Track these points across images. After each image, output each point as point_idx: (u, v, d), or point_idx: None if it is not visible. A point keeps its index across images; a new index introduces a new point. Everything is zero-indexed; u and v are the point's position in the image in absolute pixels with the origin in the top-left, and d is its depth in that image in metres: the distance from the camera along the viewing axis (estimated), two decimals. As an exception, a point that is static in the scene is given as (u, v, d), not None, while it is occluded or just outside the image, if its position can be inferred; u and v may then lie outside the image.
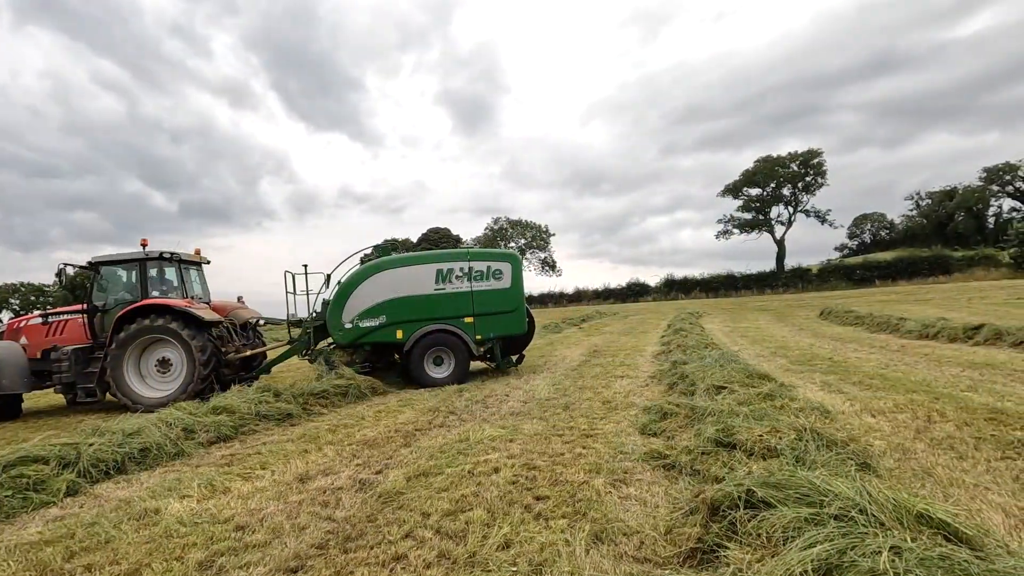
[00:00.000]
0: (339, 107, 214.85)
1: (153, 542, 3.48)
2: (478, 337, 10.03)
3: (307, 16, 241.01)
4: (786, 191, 63.31)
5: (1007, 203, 66.38)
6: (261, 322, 11.97)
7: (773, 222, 64.83)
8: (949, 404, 5.85)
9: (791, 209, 64.01)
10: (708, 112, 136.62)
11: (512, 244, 78.58)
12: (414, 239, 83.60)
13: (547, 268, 78.67)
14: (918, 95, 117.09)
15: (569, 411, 6.77)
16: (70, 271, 10.12)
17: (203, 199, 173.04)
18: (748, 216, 66.03)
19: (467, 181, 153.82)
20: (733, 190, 66.05)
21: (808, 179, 61.86)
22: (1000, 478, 3.65)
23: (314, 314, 10.46)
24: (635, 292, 63.35)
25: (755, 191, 64.95)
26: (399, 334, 9.85)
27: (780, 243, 63.77)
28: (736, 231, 66.98)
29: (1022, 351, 9.84)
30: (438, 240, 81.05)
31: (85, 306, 9.92)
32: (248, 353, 10.57)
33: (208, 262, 11.64)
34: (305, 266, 10.38)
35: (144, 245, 10.07)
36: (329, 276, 10.44)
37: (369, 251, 10.81)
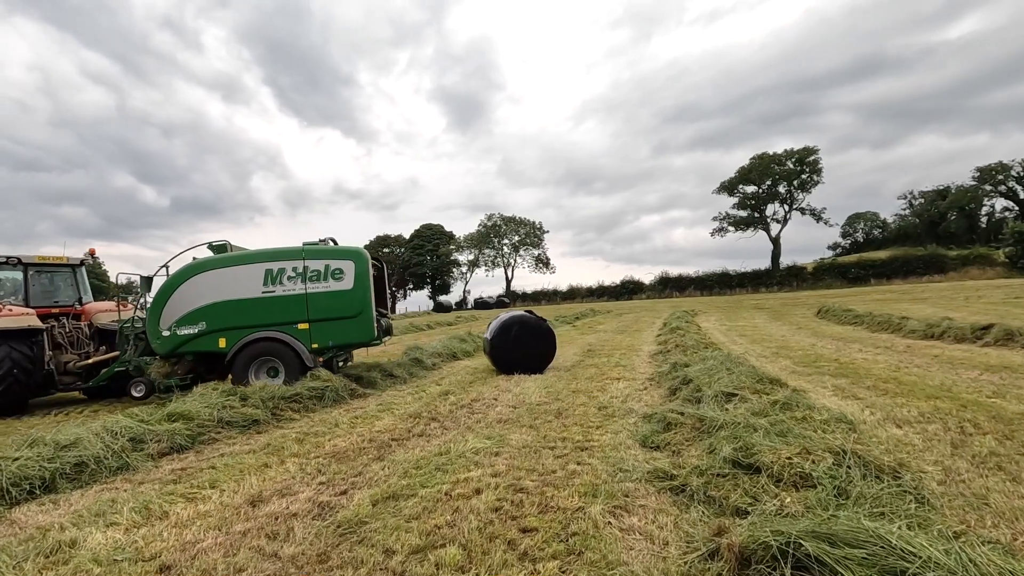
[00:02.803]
0: (332, 103, 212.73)
1: (56, 588, 2.86)
2: (315, 346, 8.84)
3: (299, 10, 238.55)
4: (782, 188, 63.03)
5: (999, 203, 66.56)
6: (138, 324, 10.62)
7: (769, 220, 64.57)
8: (980, 413, 5.31)
9: (787, 207, 63.77)
10: (700, 111, 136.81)
11: (506, 240, 77.97)
12: (407, 235, 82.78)
13: (541, 265, 78.17)
14: (907, 97, 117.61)
15: (562, 418, 6.18)
16: None
17: (194, 194, 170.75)
18: (743, 214, 65.73)
19: (461, 178, 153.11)
20: (729, 187, 65.74)
21: (804, 176, 61.60)
22: (1070, 509, 3.09)
23: (137, 320, 9.56)
24: (629, 290, 62.98)
25: (751, 188, 64.66)
26: (222, 342, 8.80)
27: (775, 241, 63.51)
28: (731, 228, 66.72)
29: (1038, 353, 9.35)
30: (431, 237, 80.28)
31: None
32: (92, 360, 9.90)
33: (85, 263, 11.12)
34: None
35: None
36: (151, 278, 9.35)
37: (204, 249, 9.65)
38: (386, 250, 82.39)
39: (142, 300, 9.73)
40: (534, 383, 8.69)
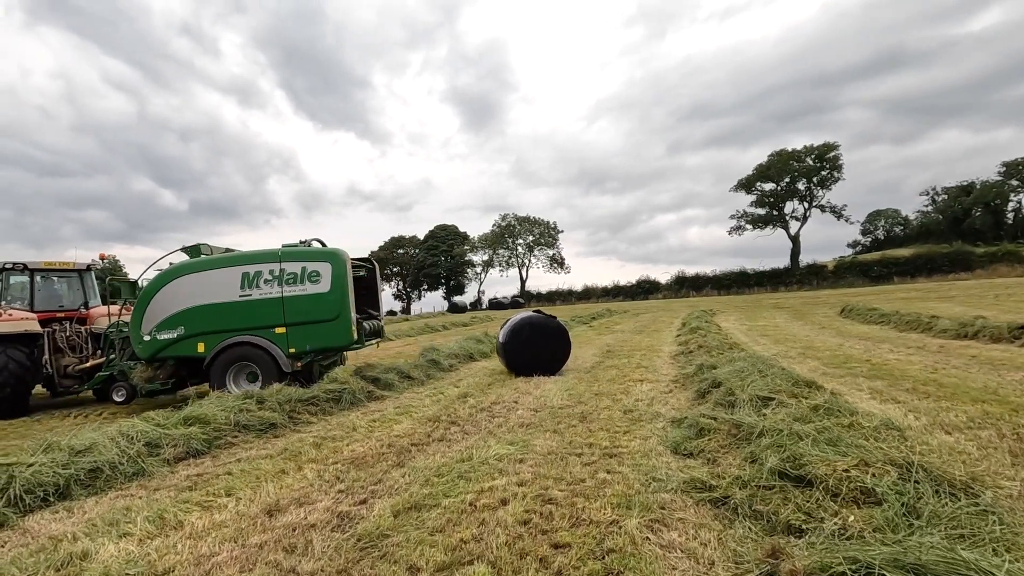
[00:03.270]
0: (346, 105, 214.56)
1: (65, 605, 2.72)
2: (292, 350, 8.59)
3: (314, 14, 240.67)
4: (801, 185, 61.86)
5: (1028, 198, 64.56)
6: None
7: (787, 217, 63.46)
8: (1035, 418, 4.98)
9: (806, 204, 62.61)
10: (714, 109, 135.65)
11: (520, 240, 77.70)
12: (421, 236, 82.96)
13: (555, 265, 77.76)
14: (928, 91, 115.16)
15: (586, 422, 5.96)
16: None
17: (211, 197, 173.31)
18: (762, 211, 64.68)
19: (474, 179, 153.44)
20: (746, 185, 64.71)
21: (824, 173, 60.39)
22: None
23: (123, 325, 9.50)
24: (645, 289, 62.40)
25: (769, 185, 63.57)
26: (200, 347, 8.66)
27: (795, 239, 62.42)
28: (749, 227, 65.67)
29: (1084, 353, 8.90)
30: (445, 237, 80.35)
31: None
32: (89, 364, 9.98)
33: (92, 268, 11.36)
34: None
35: None
36: (136, 283, 9.37)
37: (180, 253, 9.50)
38: (400, 251, 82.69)
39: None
40: (554, 385, 8.48)
